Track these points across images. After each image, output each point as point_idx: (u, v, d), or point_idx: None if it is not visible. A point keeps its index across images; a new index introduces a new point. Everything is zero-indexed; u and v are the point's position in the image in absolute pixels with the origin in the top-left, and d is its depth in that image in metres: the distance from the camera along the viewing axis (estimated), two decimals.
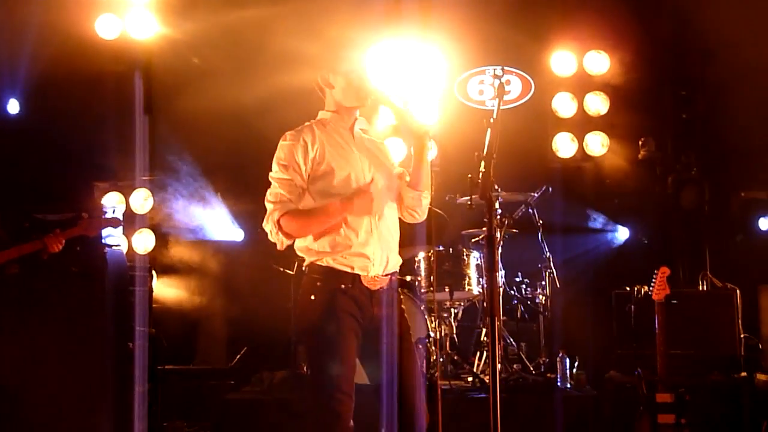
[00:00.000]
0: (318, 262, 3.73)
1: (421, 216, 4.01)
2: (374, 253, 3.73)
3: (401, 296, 3.95)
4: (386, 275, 3.80)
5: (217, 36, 7.44)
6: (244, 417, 6.15)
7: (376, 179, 3.83)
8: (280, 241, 3.73)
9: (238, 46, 7.41)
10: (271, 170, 3.80)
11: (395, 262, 3.87)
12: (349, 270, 3.71)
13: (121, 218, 6.40)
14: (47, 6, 7.09)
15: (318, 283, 3.71)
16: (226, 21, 7.28)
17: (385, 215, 3.83)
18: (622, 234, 8.20)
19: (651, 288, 5.58)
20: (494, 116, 3.52)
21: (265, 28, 7.03)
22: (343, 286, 3.69)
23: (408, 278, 6.60)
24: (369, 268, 3.73)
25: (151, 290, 7.02)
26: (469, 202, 6.37)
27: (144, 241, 7.40)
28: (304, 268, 3.82)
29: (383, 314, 3.75)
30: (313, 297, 3.71)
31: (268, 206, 3.76)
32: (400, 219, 3.99)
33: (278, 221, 3.70)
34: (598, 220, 8.17)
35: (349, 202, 3.67)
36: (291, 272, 6.65)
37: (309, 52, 3.68)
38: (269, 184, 3.79)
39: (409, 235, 4.51)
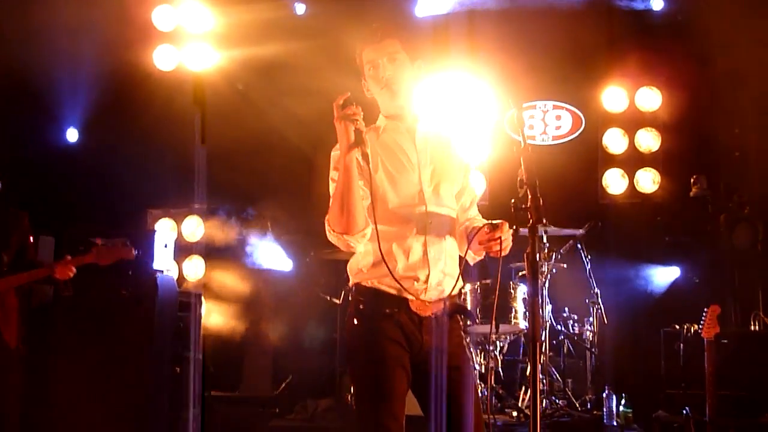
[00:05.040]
0: (363, 283, 3.37)
1: None
2: (426, 275, 3.34)
3: (459, 324, 3.50)
4: (439, 301, 3.39)
5: (268, 65, 7.57)
6: None
7: (440, 190, 3.46)
8: (336, 238, 3.34)
9: (289, 74, 7.51)
10: None
11: (452, 288, 3.43)
12: (395, 293, 3.33)
13: (161, 246, 6.47)
14: (107, 37, 7.30)
15: (361, 306, 3.36)
16: (277, 50, 7.41)
17: (443, 233, 3.44)
18: (672, 272, 8.08)
19: (701, 326, 5.48)
20: (522, 144, 3.15)
21: (315, 56, 7.13)
22: (388, 310, 3.33)
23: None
24: (418, 292, 3.34)
25: (200, 316, 7.10)
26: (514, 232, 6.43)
27: (194, 268, 7.53)
28: (350, 288, 3.47)
29: (434, 343, 3.35)
30: (356, 321, 3.36)
31: None
32: None
33: (327, 223, 3.36)
34: (648, 258, 8.06)
35: (338, 119, 3.21)
36: (338, 301, 6.70)
37: (358, 82, 3.59)
38: (319, 214, 3.50)
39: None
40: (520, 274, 6.88)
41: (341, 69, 3.73)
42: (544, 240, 6.75)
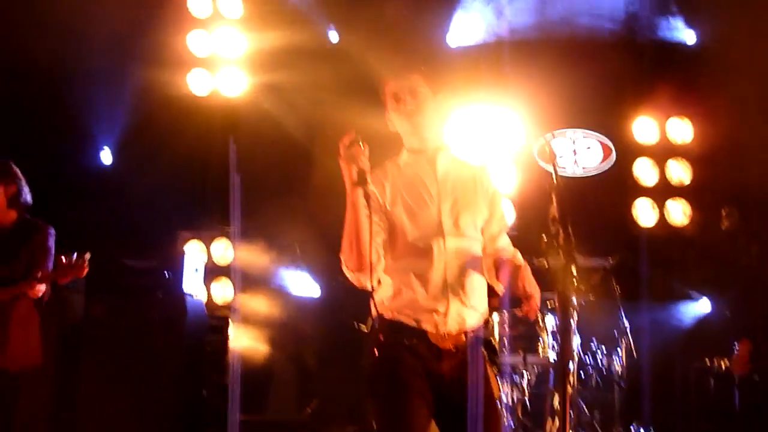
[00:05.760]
0: (384, 314, 3.40)
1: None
2: (445, 307, 3.36)
3: (483, 358, 3.48)
4: (460, 333, 3.39)
5: (303, 90, 7.63)
6: None
7: (460, 222, 3.45)
8: (350, 274, 3.38)
9: (322, 100, 7.54)
10: None
11: (473, 320, 3.44)
12: (414, 325, 3.37)
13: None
14: (143, 61, 7.45)
15: (382, 338, 3.37)
16: (309, 77, 7.50)
17: (464, 264, 3.43)
18: (703, 305, 8.04)
19: (732, 362, 5.44)
20: (554, 179, 3.22)
21: (347, 84, 7.15)
22: (407, 342, 3.35)
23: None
24: (438, 324, 3.36)
25: (227, 339, 7.14)
26: (545, 267, 6.43)
27: (223, 291, 7.58)
28: (373, 319, 3.47)
29: (455, 376, 3.37)
30: (376, 352, 3.37)
31: None
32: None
33: (342, 257, 3.39)
34: (678, 290, 8.03)
35: (343, 157, 3.26)
36: (365, 328, 6.70)
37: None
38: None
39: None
40: (549, 304, 6.86)
41: (371, 98, 3.66)
42: (575, 271, 6.70)
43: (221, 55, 7.79)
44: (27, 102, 7.58)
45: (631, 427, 6.39)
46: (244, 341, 7.61)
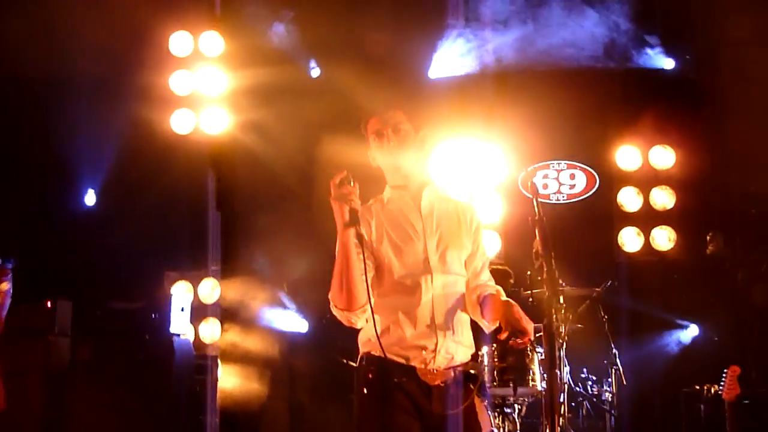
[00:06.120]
0: (372, 352, 3.41)
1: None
2: (434, 344, 3.39)
3: (471, 393, 3.49)
4: (448, 369, 3.42)
5: (287, 128, 7.68)
6: None
7: (446, 257, 3.48)
8: (339, 313, 3.37)
9: (308, 136, 7.63)
10: None
11: (462, 356, 3.48)
12: (403, 362, 3.38)
13: None
14: (126, 102, 7.51)
15: (370, 375, 3.40)
16: (291, 112, 7.58)
17: (451, 300, 3.47)
18: (691, 331, 8.08)
19: (721, 387, 5.46)
20: (537, 213, 3.27)
21: (330, 119, 7.21)
22: (396, 379, 3.36)
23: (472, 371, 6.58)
24: (426, 361, 3.38)
25: (216, 379, 7.13)
26: (530, 299, 6.48)
27: (211, 330, 7.59)
28: (361, 357, 3.51)
29: (443, 412, 3.37)
30: (365, 390, 3.40)
31: None
32: None
33: (330, 297, 3.39)
34: (666, 317, 8.05)
35: (334, 198, 3.25)
36: (354, 364, 6.70)
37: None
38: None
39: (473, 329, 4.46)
40: (537, 335, 6.86)
41: (354, 133, 3.66)
42: (561, 300, 6.74)
43: (203, 93, 7.85)
44: (11, 145, 7.63)
45: None
46: (234, 380, 7.62)
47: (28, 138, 7.57)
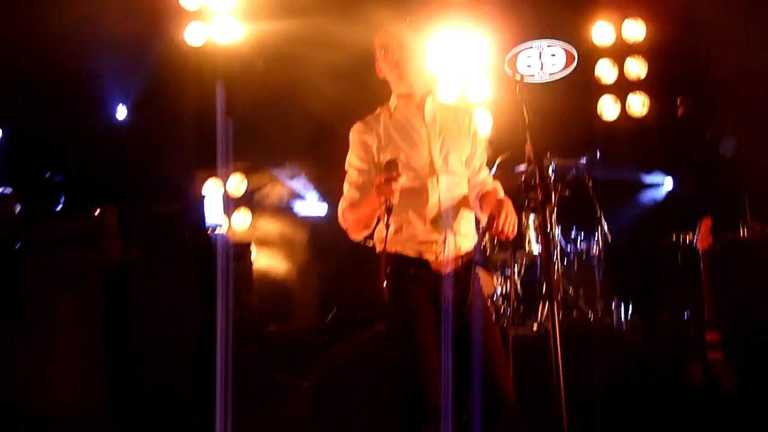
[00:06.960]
0: (388, 249, 3.61)
1: None
2: (442, 239, 3.68)
3: (478, 276, 3.78)
4: (457, 258, 3.73)
5: (296, 33, 7.83)
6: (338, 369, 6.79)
7: (449, 159, 3.75)
8: (353, 233, 3.77)
9: (317, 41, 7.74)
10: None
11: (467, 246, 3.77)
12: (416, 256, 3.68)
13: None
14: (145, 21, 7.85)
15: (388, 270, 3.61)
16: (301, 23, 7.76)
17: (456, 198, 3.75)
18: (666, 185, 8.60)
19: (696, 238, 5.72)
20: (517, 89, 3.58)
21: (339, 24, 7.32)
22: (412, 271, 3.66)
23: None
24: (437, 253, 3.68)
25: (251, 263, 7.63)
26: (524, 177, 7.08)
27: (242, 220, 8.26)
28: (377, 254, 3.73)
29: (456, 297, 3.66)
30: (384, 284, 3.59)
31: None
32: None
33: (341, 214, 3.77)
34: (643, 176, 8.59)
35: (377, 188, 3.51)
36: (371, 243, 7.37)
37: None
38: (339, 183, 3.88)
39: None
40: (531, 204, 7.24)
41: (363, 43, 4.04)
42: (551, 171, 7.15)
43: (211, 6, 8.10)
44: (46, 74, 8.04)
45: (613, 303, 6.91)
46: (266, 261, 8.27)
47: (57, 69, 7.90)
